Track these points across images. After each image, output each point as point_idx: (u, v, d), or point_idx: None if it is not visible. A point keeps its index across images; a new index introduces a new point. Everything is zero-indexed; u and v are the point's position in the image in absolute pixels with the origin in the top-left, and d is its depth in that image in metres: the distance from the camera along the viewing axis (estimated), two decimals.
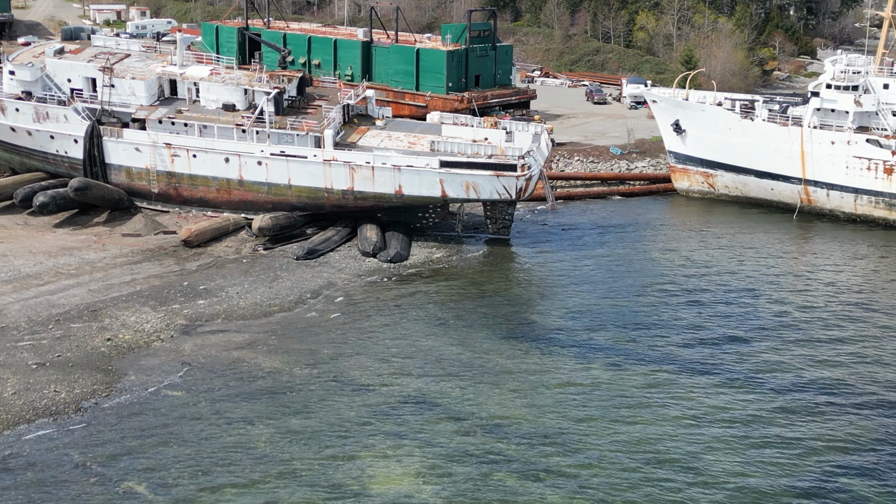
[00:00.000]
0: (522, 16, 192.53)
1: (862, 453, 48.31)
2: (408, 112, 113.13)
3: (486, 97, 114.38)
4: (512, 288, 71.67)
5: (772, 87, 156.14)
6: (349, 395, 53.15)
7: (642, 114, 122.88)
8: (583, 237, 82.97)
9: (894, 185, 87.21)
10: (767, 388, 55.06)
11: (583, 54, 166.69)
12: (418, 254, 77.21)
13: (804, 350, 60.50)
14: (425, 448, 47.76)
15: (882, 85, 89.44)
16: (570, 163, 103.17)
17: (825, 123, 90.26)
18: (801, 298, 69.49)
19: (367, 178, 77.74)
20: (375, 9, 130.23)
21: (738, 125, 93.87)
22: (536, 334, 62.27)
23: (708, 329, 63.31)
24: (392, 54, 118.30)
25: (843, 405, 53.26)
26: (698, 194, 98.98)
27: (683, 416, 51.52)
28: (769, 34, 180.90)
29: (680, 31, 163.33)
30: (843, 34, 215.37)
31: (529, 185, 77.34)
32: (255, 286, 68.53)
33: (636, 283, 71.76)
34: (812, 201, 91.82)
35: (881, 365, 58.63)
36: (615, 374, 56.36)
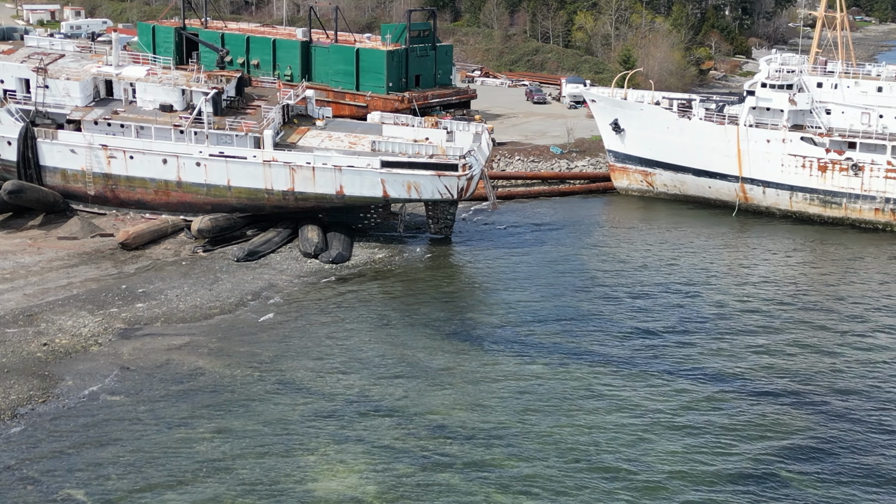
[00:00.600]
0: (462, 16, 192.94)
1: (798, 443, 49.03)
2: (348, 112, 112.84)
3: (426, 97, 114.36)
4: (454, 287, 71.72)
5: (708, 86, 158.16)
6: (291, 396, 52.78)
7: (582, 113, 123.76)
8: (524, 236, 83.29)
9: (828, 183, 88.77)
10: (707, 382, 55.67)
11: (522, 54, 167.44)
12: (360, 254, 76.94)
13: (742, 344, 61.32)
14: (368, 448, 47.58)
15: (815, 84, 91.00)
16: (510, 162, 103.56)
17: (761, 122, 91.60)
18: (738, 294, 70.44)
19: (307, 178, 77.30)
20: (314, 9, 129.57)
21: (676, 124, 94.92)
22: (479, 333, 62.37)
23: (648, 325, 63.91)
24: (332, 54, 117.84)
25: (781, 396, 54.05)
26: (637, 193, 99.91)
27: (624, 411, 51.90)
28: (705, 34, 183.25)
29: (618, 31, 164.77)
30: (778, 34, 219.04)
31: (471, 184, 77.43)
32: (194, 288, 67.80)
33: (577, 280, 72.22)
34: (749, 199, 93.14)
35: (816, 356, 59.58)
36: (556, 371, 56.64)
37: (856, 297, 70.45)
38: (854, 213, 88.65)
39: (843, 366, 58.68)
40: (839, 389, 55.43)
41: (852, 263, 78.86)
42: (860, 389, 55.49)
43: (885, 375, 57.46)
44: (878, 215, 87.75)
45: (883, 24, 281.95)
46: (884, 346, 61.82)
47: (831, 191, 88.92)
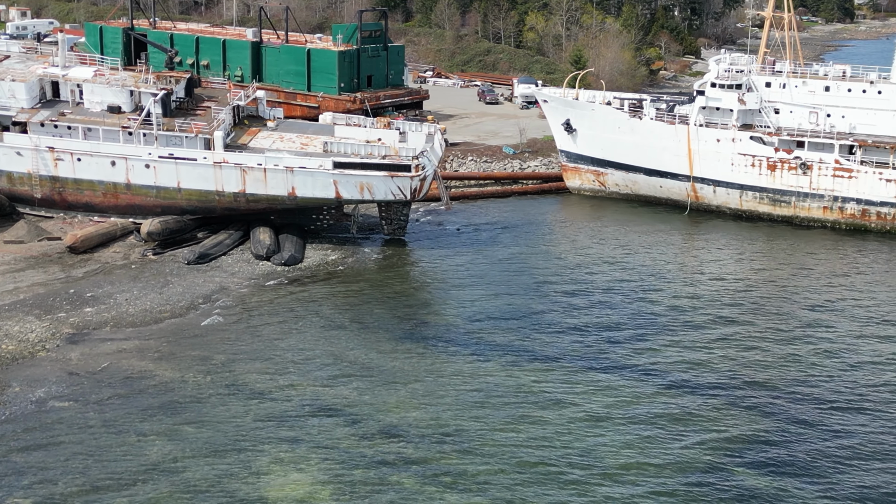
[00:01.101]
0: (413, 16, 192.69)
1: (750, 437, 49.40)
2: (300, 113, 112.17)
3: (378, 97, 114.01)
4: (408, 288, 71.48)
5: (658, 86, 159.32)
6: (244, 401, 52.23)
7: (534, 113, 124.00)
8: (478, 236, 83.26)
9: (777, 181, 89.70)
10: (661, 381, 55.93)
11: (474, 54, 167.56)
12: (313, 256, 76.44)
13: (693, 341, 61.68)
14: (323, 453, 47.21)
15: (764, 83, 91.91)
16: (463, 163, 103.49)
17: (711, 121, 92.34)
18: (689, 292, 70.89)
19: (259, 180, 76.63)
20: (265, 9, 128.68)
21: (627, 124, 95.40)
22: (433, 335, 62.18)
23: (603, 326, 64.10)
24: (282, 55, 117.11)
25: (731, 392, 54.43)
26: (590, 192, 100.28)
27: (582, 413, 51.97)
28: (655, 34, 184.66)
29: (569, 32, 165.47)
30: (726, 34, 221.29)
31: (424, 185, 77.23)
32: (144, 292, 66.92)
33: (529, 280, 72.28)
34: (700, 198, 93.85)
35: (766, 352, 60.10)
36: (513, 373, 56.58)
37: (804, 294, 71.19)
38: (803, 211, 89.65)
39: (792, 360, 59.22)
40: (789, 384, 55.92)
41: (801, 261, 79.70)
42: (809, 383, 56.02)
43: (834, 369, 58.08)
44: (827, 213, 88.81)
45: (829, 25, 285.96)
46: (831, 341, 62.50)
47: (780, 189, 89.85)
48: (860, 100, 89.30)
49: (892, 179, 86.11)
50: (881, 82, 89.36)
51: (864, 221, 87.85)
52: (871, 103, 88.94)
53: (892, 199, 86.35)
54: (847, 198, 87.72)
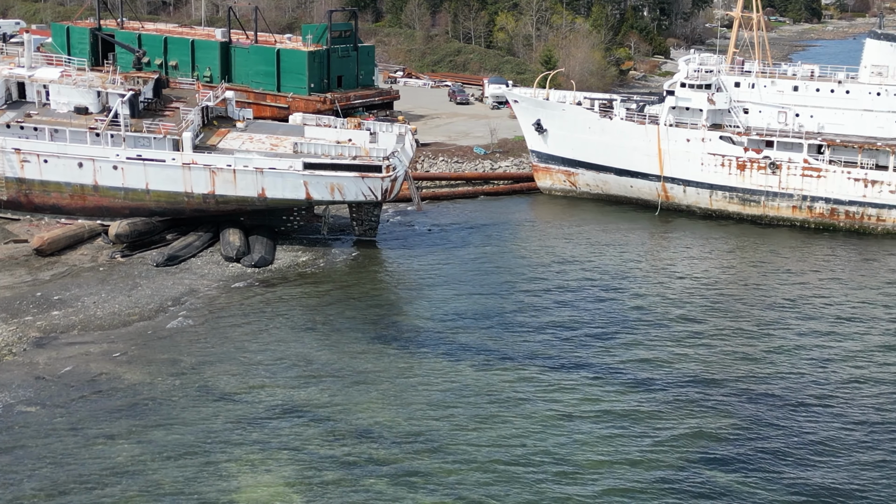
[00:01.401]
0: (384, 16, 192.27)
1: (724, 443, 49.51)
2: (269, 114, 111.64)
3: (348, 98, 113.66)
4: (379, 290, 71.19)
5: (628, 86, 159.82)
6: (214, 404, 51.77)
7: (504, 114, 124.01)
8: (449, 237, 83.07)
9: (747, 181, 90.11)
10: (632, 381, 55.96)
11: (444, 55, 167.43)
12: (283, 258, 75.98)
13: (666, 343, 61.78)
14: (294, 456, 46.85)
15: (733, 83, 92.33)
16: (434, 163, 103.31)
17: (681, 121, 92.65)
18: (660, 292, 71.04)
19: (228, 181, 76.07)
20: (233, 9, 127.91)
21: (598, 124, 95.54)
22: (405, 336, 61.92)
23: (573, 325, 64.07)
24: (252, 55, 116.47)
25: (704, 391, 54.54)
26: (561, 193, 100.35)
27: (552, 412, 51.88)
28: (624, 35, 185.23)
29: (539, 32, 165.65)
30: (695, 34, 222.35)
31: (395, 186, 76.95)
32: (113, 295, 66.24)
33: (503, 281, 72.18)
34: (670, 198, 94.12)
35: (737, 351, 60.30)
36: (484, 373, 56.44)
37: (773, 293, 71.51)
38: (772, 210, 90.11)
39: (760, 358, 59.43)
40: (757, 382, 56.10)
41: (770, 260, 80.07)
42: (777, 381, 56.22)
43: (800, 367, 58.32)
44: (796, 213, 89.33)
45: (797, 25, 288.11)
46: (798, 339, 62.78)
47: (750, 189, 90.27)
48: (828, 99, 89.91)
49: (860, 179, 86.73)
50: (849, 82, 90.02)
51: (832, 220, 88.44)
52: (840, 103, 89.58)
53: (861, 198, 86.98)
54: (816, 197, 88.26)
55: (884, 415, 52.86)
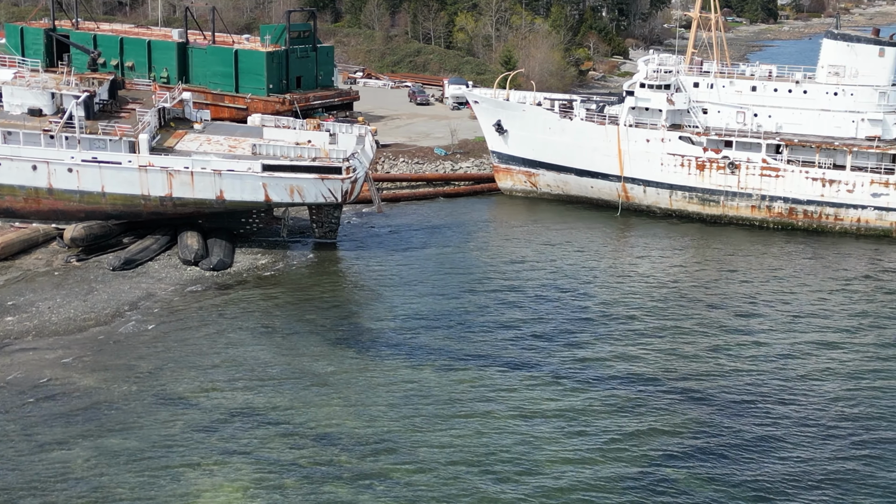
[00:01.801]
0: (343, 17, 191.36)
1: (683, 440, 49.50)
2: (228, 115, 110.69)
3: (308, 99, 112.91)
4: (340, 292, 70.61)
5: (588, 86, 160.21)
6: (172, 410, 51.00)
7: (465, 114, 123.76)
8: (410, 239, 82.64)
9: (706, 181, 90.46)
10: (592, 380, 55.86)
11: (404, 55, 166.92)
12: (242, 261, 75.21)
13: (626, 342, 61.77)
14: (253, 461, 46.23)
15: (692, 83, 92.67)
16: (395, 164, 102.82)
17: (640, 122, 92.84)
18: (621, 292, 71.04)
19: (186, 183, 75.12)
20: (191, 9, 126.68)
21: (558, 125, 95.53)
22: (366, 339, 61.43)
23: (533, 325, 63.89)
24: (209, 56, 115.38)
25: (662, 394, 54.54)
26: (522, 193, 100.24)
27: (513, 413, 51.65)
28: (584, 35, 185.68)
29: (499, 33, 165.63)
30: (653, 35, 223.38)
31: (355, 187, 76.39)
32: (68, 300, 65.17)
33: (463, 282, 71.86)
34: (630, 198, 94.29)
35: (698, 351, 60.37)
36: (445, 375, 56.09)
37: (732, 292, 71.77)
38: (731, 210, 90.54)
39: (719, 357, 59.55)
40: (716, 380, 56.21)
41: (730, 260, 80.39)
42: (736, 378, 56.38)
43: (759, 363, 58.54)
44: (755, 212, 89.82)
45: (753, 25, 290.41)
46: (756, 337, 63.02)
47: (709, 189, 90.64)
48: (786, 99, 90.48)
49: (818, 178, 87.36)
50: (806, 82, 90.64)
51: (791, 220, 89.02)
52: (797, 103, 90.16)
53: (818, 197, 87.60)
54: (774, 196, 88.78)
55: (838, 410, 53.15)
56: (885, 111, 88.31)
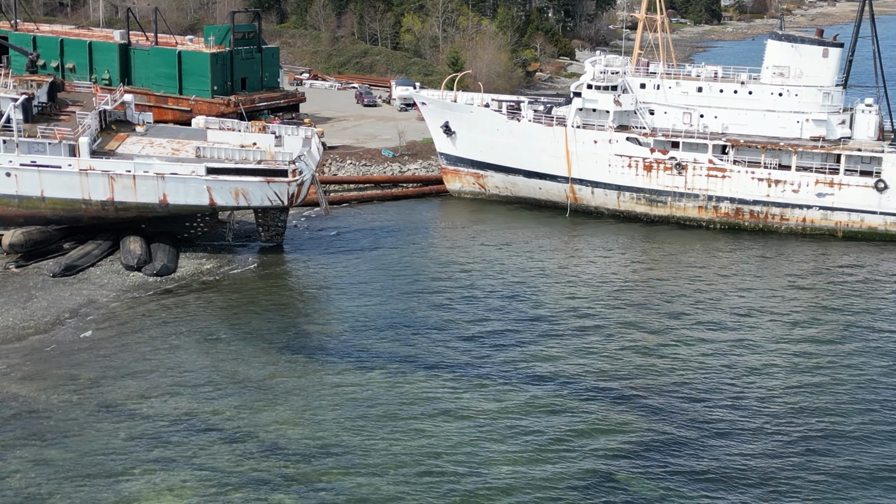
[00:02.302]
0: (288, 17, 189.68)
1: (631, 442, 49.28)
2: (171, 117, 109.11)
3: (253, 100, 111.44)
4: (286, 297, 69.59)
5: (535, 87, 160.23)
6: (114, 421, 49.76)
7: (412, 116, 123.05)
8: (358, 242, 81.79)
9: (654, 182, 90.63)
10: (542, 382, 55.45)
11: (351, 56, 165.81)
12: (187, 266, 73.91)
13: (576, 344, 61.43)
14: (199, 474, 45.19)
15: (639, 85, 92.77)
16: (342, 166, 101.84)
17: (588, 123, 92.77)
18: (570, 294, 70.77)
19: (128, 187, 73.61)
20: (133, 10, 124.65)
21: (506, 126, 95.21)
22: (312, 344, 60.53)
23: (483, 328, 63.38)
24: (152, 57, 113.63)
25: (611, 396, 54.29)
26: (470, 195, 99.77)
27: (461, 416, 51.08)
28: (530, 36, 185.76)
29: (445, 34, 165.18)
30: (599, 36, 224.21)
31: (302, 190, 75.42)
32: (6, 308, 63.50)
33: (412, 285, 71.19)
34: (578, 199, 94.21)
35: (646, 353, 60.28)
36: (392, 379, 55.41)
37: (680, 293, 71.83)
38: (679, 211, 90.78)
39: (669, 360, 59.48)
40: (666, 383, 56.12)
41: (678, 260, 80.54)
42: (686, 382, 56.33)
43: (710, 366, 58.58)
44: (702, 213, 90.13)
45: (697, 26, 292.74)
46: (706, 338, 63.06)
47: (657, 190, 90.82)
48: (732, 100, 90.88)
49: (764, 178, 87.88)
50: (751, 83, 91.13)
51: (737, 220, 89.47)
52: (743, 103, 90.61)
53: (764, 197, 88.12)
54: (721, 197, 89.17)
55: (783, 407, 53.29)
56: (829, 111, 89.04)
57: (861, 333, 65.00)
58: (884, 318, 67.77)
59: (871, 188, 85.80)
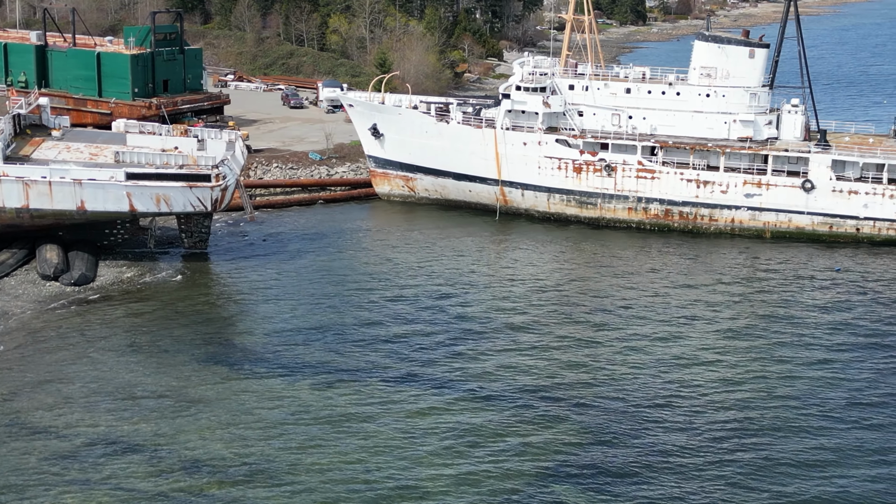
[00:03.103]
0: (213, 18, 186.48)
1: (567, 453, 48.42)
2: (91, 120, 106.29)
3: (176, 103, 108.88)
4: (210, 306, 67.57)
5: (464, 88, 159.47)
6: (26, 438, 47.53)
7: (340, 118, 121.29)
8: (284, 247, 79.98)
9: (584, 184, 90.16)
10: (473, 393, 54.34)
11: (277, 57, 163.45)
12: (107, 274, 71.53)
13: (507, 351, 60.44)
14: (116, 492, 43.25)
15: (567, 86, 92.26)
16: (268, 170, 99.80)
17: (517, 125, 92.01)
18: (500, 299, 69.80)
19: (43, 194, 70.93)
20: (50, 11, 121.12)
21: (435, 128, 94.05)
22: (238, 355, 58.68)
23: (413, 336, 62.08)
24: (70, 59, 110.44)
25: (544, 404, 53.38)
26: (400, 198, 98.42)
27: (394, 430, 49.76)
28: (458, 37, 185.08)
29: (373, 35, 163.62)
30: (527, 37, 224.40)
31: (225, 195, 73.43)
32: None
33: (340, 293, 69.66)
34: (509, 201, 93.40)
35: (576, 361, 59.46)
36: (322, 392, 53.87)
37: (611, 296, 71.26)
38: (609, 212, 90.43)
39: (601, 365, 58.72)
40: (599, 388, 55.40)
41: (608, 262, 79.98)
42: (625, 389, 55.66)
43: (641, 369, 57.99)
44: (631, 214, 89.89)
45: (623, 27, 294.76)
46: (638, 343, 62.46)
47: (587, 191, 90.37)
48: (660, 101, 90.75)
49: (693, 180, 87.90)
50: (679, 84, 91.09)
51: (667, 221, 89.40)
52: (671, 104, 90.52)
53: (693, 198, 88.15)
54: (650, 198, 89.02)
55: (720, 411, 52.92)
56: (755, 112, 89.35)
57: (789, 333, 65.04)
58: (811, 318, 67.94)
59: (798, 188, 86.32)
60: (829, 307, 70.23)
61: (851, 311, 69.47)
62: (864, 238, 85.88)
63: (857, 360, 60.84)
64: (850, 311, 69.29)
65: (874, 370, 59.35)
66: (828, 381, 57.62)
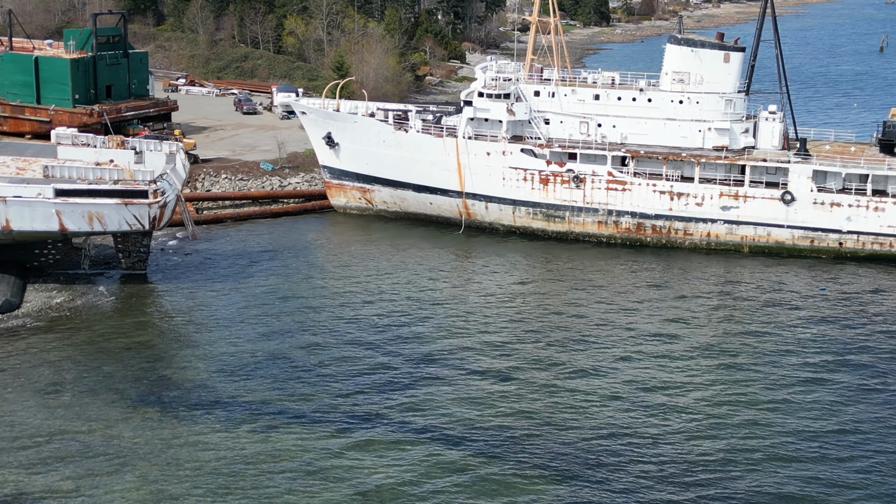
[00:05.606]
0: (165, 20, 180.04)
1: (537, 490, 43.59)
2: (29, 129, 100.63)
3: (119, 110, 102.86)
4: (147, 336, 61.83)
5: (425, 92, 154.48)
6: None
7: (295, 124, 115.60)
8: (232, 267, 74.38)
9: (551, 196, 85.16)
10: (436, 432, 49.22)
11: (230, 60, 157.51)
12: (34, 299, 65.81)
13: (472, 383, 55.27)
14: None
15: (533, 92, 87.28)
16: (216, 181, 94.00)
17: (480, 133, 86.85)
18: (463, 319, 64.69)
19: None
20: None
21: (393, 137, 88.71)
22: (174, 395, 53.04)
23: (369, 368, 56.71)
24: (6, 63, 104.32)
25: (511, 440, 48.40)
26: (357, 211, 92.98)
27: (345, 477, 44.52)
28: (419, 39, 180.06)
29: (330, 37, 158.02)
30: (490, 38, 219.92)
31: (165, 212, 67.84)
32: None
33: (290, 319, 64.20)
34: (472, 214, 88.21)
35: (543, 384, 54.55)
36: (266, 437, 48.52)
37: (580, 316, 66.28)
38: (578, 226, 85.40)
39: (575, 390, 53.89)
40: (574, 417, 50.53)
41: (576, 280, 74.96)
42: (594, 414, 50.78)
43: (616, 395, 53.35)
44: (602, 228, 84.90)
45: (587, 28, 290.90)
46: (607, 363, 57.71)
47: (554, 204, 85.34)
48: (630, 108, 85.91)
49: (666, 191, 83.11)
50: (651, 90, 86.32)
51: (639, 235, 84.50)
52: (642, 112, 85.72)
53: (667, 211, 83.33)
54: (622, 211, 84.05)
55: (690, 431, 48.20)
56: (731, 119, 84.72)
57: (765, 355, 60.54)
58: (790, 338, 63.35)
59: (777, 200, 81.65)
60: (810, 327, 65.72)
61: (833, 331, 64.96)
62: (847, 253, 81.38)
63: (839, 384, 56.66)
64: (831, 332, 64.76)
65: (858, 396, 55.01)
66: (805, 405, 53.33)
